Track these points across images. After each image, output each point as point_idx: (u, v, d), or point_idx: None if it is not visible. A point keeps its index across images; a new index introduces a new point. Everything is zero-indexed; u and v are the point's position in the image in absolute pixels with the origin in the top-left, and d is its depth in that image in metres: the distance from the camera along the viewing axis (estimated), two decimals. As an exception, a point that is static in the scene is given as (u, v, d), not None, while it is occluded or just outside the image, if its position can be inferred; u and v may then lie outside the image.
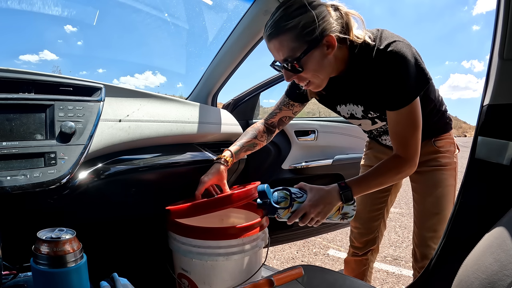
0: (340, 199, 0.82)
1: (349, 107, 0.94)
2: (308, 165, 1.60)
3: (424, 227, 1.01)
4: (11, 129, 0.71)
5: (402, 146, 0.83)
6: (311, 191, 0.83)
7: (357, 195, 0.84)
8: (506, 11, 0.59)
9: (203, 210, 0.87)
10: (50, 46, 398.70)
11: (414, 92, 0.77)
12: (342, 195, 0.82)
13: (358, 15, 0.78)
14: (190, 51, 4.35)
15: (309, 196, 0.82)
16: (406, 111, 0.79)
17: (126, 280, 0.59)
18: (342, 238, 2.61)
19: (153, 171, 0.96)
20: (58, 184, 0.70)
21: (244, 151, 1.04)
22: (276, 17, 0.74)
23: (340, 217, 0.86)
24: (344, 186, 0.83)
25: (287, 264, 2.16)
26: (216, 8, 1.39)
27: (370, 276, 1.28)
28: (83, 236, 0.53)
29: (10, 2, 1.67)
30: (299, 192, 0.83)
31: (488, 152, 0.66)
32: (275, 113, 1.06)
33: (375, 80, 0.80)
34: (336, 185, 0.83)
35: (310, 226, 0.84)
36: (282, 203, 0.81)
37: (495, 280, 0.40)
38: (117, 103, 0.92)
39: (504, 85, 0.63)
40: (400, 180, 0.87)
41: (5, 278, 0.54)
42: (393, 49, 0.75)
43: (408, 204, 3.80)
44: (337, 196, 0.82)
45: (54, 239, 0.45)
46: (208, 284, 0.88)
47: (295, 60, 0.75)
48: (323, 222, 0.85)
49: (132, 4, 1.46)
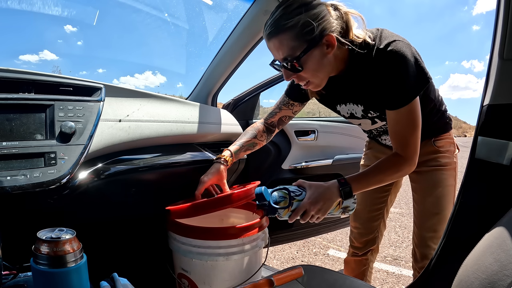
0: (340, 195, 0.82)
1: (349, 106, 0.94)
2: (308, 165, 1.60)
3: (424, 227, 1.01)
4: (11, 129, 0.71)
5: (401, 145, 0.83)
6: (310, 188, 0.83)
7: (357, 192, 0.84)
8: (506, 11, 0.59)
9: (203, 210, 0.87)
10: (50, 46, 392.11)
11: (413, 91, 0.78)
12: (342, 191, 0.82)
13: (358, 14, 0.78)
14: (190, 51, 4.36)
15: (308, 193, 0.82)
16: (405, 111, 0.79)
17: (126, 280, 0.59)
18: (342, 238, 2.61)
19: (153, 171, 0.96)
20: (58, 184, 0.70)
21: (244, 150, 1.04)
22: (276, 16, 0.74)
23: (341, 211, 0.86)
24: (343, 182, 0.83)
25: (287, 264, 2.16)
26: (216, 8, 1.39)
27: (370, 276, 1.28)
28: (83, 236, 0.53)
29: (10, 2, 1.67)
30: (298, 190, 0.83)
31: (488, 152, 0.66)
32: (274, 112, 1.06)
33: (375, 80, 0.80)
34: (336, 181, 0.83)
35: (311, 223, 0.84)
36: (281, 203, 0.81)
37: (495, 280, 0.40)
38: (117, 103, 0.92)
39: (504, 85, 0.63)
40: (399, 179, 0.87)
41: (5, 278, 0.54)
42: (393, 49, 0.75)
43: (408, 204, 3.80)
44: (337, 192, 0.82)
45: (54, 239, 0.45)
46: (208, 284, 0.88)
47: (295, 59, 0.75)
48: (324, 218, 0.85)
49: (132, 4, 1.46)
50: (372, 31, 0.81)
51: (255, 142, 1.05)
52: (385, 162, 0.85)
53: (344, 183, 0.82)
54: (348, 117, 0.99)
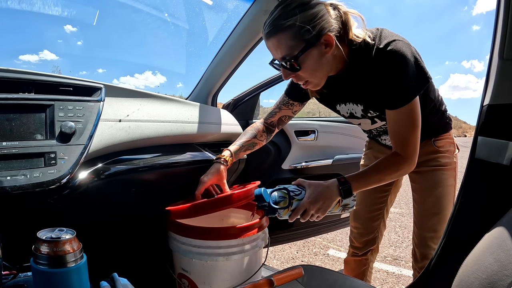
0: (339, 194, 0.82)
1: (349, 106, 0.94)
2: (308, 165, 1.60)
3: (424, 227, 1.01)
4: (11, 129, 0.71)
5: (401, 145, 0.83)
6: (309, 187, 0.82)
7: (356, 191, 0.84)
8: (506, 11, 0.59)
9: (203, 210, 0.87)
10: (50, 46, 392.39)
11: (413, 91, 0.78)
12: (342, 190, 0.82)
13: (358, 14, 0.79)
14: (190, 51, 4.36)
15: (308, 192, 0.82)
16: (405, 110, 0.79)
17: (126, 280, 0.59)
18: (342, 238, 2.61)
19: (153, 171, 0.96)
20: (58, 184, 0.70)
21: (244, 150, 1.04)
22: (275, 16, 0.74)
23: (340, 208, 0.86)
24: (343, 181, 0.82)
25: (287, 264, 2.16)
26: (216, 8, 1.39)
27: (370, 276, 1.28)
28: (83, 236, 0.53)
29: (10, 2, 1.67)
30: (297, 189, 0.83)
31: (488, 152, 0.66)
32: (274, 112, 1.06)
33: (374, 79, 0.80)
34: (335, 180, 0.83)
35: (312, 223, 0.84)
36: (281, 203, 0.81)
37: (495, 280, 0.40)
38: (117, 103, 0.92)
39: (504, 85, 0.63)
40: (398, 178, 0.87)
41: (5, 278, 0.54)
42: (392, 48, 0.75)
43: (408, 204, 3.80)
44: (336, 191, 0.82)
45: (54, 239, 0.45)
46: (208, 284, 0.88)
47: (293, 59, 0.75)
48: (325, 216, 0.85)
49: (132, 4, 1.46)
50: (372, 30, 0.81)
51: (255, 142, 1.05)
52: (384, 161, 0.85)
53: (343, 182, 0.82)
54: (348, 117, 0.99)
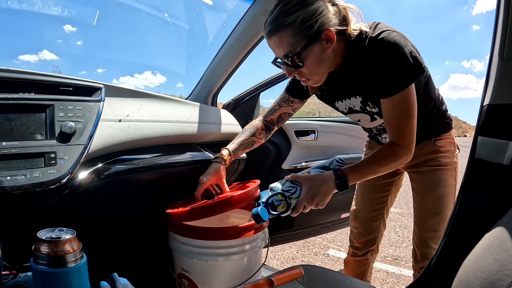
0: (336, 188, 0.82)
1: (347, 101, 0.94)
2: (308, 165, 1.60)
3: (424, 227, 1.01)
4: (11, 129, 0.70)
5: (397, 134, 0.82)
6: (305, 182, 0.82)
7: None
8: (506, 11, 0.59)
9: (203, 213, 0.86)
10: (49, 46, 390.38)
11: (406, 78, 0.77)
12: (338, 183, 0.82)
13: (355, 8, 0.79)
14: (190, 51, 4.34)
15: (304, 189, 0.81)
16: (400, 98, 0.78)
17: (126, 280, 0.59)
18: (342, 238, 2.61)
19: (153, 171, 0.96)
20: (58, 184, 0.70)
21: (242, 149, 1.04)
22: (275, 14, 0.75)
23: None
24: (340, 174, 0.82)
25: (287, 264, 2.16)
26: (216, 8, 1.39)
27: (370, 276, 1.28)
28: (83, 236, 0.53)
29: (10, 2, 1.67)
30: (292, 187, 0.82)
31: (488, 152, 0.66)
32: (274, 109, 1.06)
33: (369, 69, 0.80)
34: (332, 173, 0.83)
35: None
36: (279, 206, 0.80)
37: (495, 280, 0.40)
38: (117, 103, 0.92)
39: (504, 85, 0.63)
40: (396, 168, 0.87)
41: (5, 278, 0.54)
42: (384, 36, 0.76)
43: (408, 204, 3.80)
44: (333, 185, 0.82)
45: (54, 239, 0.45)
46: (208, 284, 0.88)
47: (296, 55, 0.75)
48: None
49: (132, 4, 1.46)
50: (369, 24, 0.81)
51: (254, 140, 1.05)
52: (381, 151, 0.85)
53: (340, 175, 0.82)
54: (347, 113, 0.99)
